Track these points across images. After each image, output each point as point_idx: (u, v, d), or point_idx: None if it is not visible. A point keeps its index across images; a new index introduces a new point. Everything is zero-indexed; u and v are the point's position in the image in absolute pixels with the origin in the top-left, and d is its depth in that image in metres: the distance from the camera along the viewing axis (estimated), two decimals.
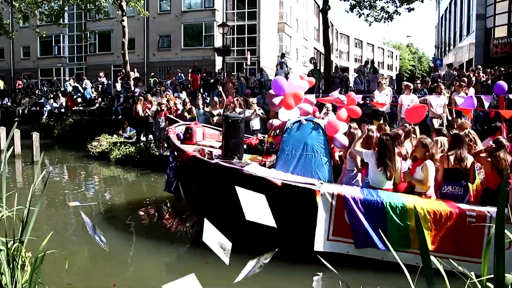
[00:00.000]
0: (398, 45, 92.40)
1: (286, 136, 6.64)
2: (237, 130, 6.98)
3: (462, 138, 6.16)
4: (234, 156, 6.82)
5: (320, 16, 25.10)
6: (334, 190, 5.86)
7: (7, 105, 27.18)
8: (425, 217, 5.54)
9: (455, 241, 5.56)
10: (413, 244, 5.54)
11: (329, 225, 5.82)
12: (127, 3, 25.90)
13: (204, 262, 6.05)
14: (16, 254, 3.37)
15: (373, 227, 5.62)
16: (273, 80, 7.41)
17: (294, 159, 6.51)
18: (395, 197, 5.85)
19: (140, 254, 6.61)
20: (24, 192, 9.93)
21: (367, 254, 5.73)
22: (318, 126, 6.58)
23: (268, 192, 6.02)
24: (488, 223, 5.46)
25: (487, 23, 28.39)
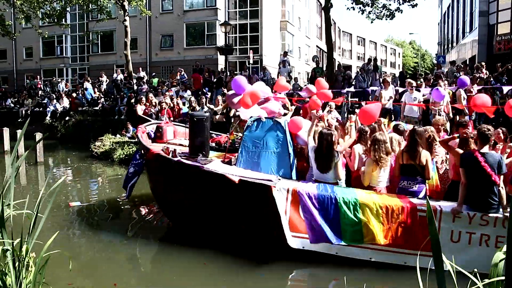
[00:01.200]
0: (401, 43, 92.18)
1: (247, 133, 6.76)
2: (202, 128, 7.07)
3: (418, 135, 6.22)
4: (199, 154, 6.88)
5: (323, 14, 25.00)
6: (290, 186, 5.94)
7: (10, 106, 27.26)
8: (377, 212, 5.66)
9: (407, 235, 5.65)
10: (366, 239, 5.66)
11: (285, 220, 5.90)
12: (129, 3, 25.92)
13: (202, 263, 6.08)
14: (21, 255, 3.38)
15: (327, 222, 5.72)
16: (233, 79, 7.54)
17: (254, 156, 6.65)
18: (348, 192, 5.96)
19: (141, 253, 6.62)
20: (28, 192, 9.96)
21: (321, 249, 5.83)
22: (278, 124, 6.69)
23: (227, 188, 6.07)
24: (438, 217, 5.58)
25: (490, 20, 28.27)
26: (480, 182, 5.49)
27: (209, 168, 6.33)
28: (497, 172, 5.41)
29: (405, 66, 67.24)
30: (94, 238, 7.48)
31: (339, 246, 5.76)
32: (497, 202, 5.52)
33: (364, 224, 5.64)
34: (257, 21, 35.35)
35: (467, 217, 5.56)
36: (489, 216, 5.50)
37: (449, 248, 5.48)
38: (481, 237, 5.55)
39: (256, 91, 7.01)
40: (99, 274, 5.97)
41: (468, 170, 5.54)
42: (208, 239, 6.57)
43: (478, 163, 5.42)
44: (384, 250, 5.72)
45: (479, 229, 5.55)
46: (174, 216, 7.63)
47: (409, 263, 5.57)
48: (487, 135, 5.53)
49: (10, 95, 29.61)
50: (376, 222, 5.65)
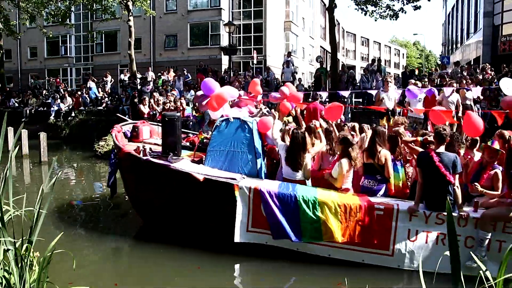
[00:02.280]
0: (405, 43, 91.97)
1: (215, 133, 6.92)
2: (174, 128, 7.22)
3: (378, 134, 6.35)
4: (170, 153, 7.02)
5: (327, 15, 24.99)
6: (252, 184, 6.13)
7: (15, 106, 27.35)
8: (335, 210, 5.80)
9: (364, 234, 5.78)
10: (325, 236, 5.80)
11: (248, 217, 6.10)
12: (133, 3, 25.95)
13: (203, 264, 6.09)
14: (25, 254, 3.38)
15: (287, 220, 5.87)
16: (202, 81, 7.72)
17: (222, 155, 6.81)
18: (308, 190, 6.10)
19: (143, 253, 6.61)
20: (32, 192, 10.00)
21: (284, 245, 5.99)
22: (245, 124, 6.82)
23: (193, 186, 6.21)
24: (395, 216, 5.70)
25: (494, 21, 28.17)
26: (435, 182, 5.59)
27: (176, 166, 6.53)
28: (452, 171, 5.52)
29: (409, 67, 67.07)
30: (95, 237, 7.49)
31: (300, 243, 5.90)
32: (453, 201, 5.59)
33: (323, 222, 5.78)
34: (261, 22, 35.33)
35: (424, 216, 5.68)
36: (445, 215, 5.58)
37: (407, 247, 5.67)
38: (438, 236, 5.66)
39: (223, 94, 7.19)
40: (100, 274, 5.98)
41: (424, 170, 5.67)
42: (209, 241, 6.57)
43: (433, 163, 5.53)
44: (343, 248, 5.85)
45: (436, 228, 5.67)
46: (145, 214, 7.83)
47: (367, 261, 5.78)
48: (443, 135, 5.64)
49: (14, 94, 29.71)
50: (335, 220, 5.78)
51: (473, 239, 5.53)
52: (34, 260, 3.55)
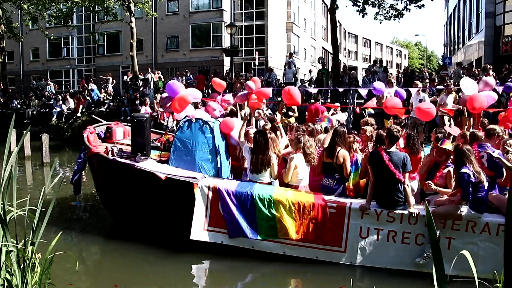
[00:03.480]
0: (407, 44, 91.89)
1: (178, 133, 7.04)
2: (142, 129, 7.36)
3: (338, 135, 6.45)
4: (138, 153, 7.17)
5: (328, 16, 25.00)
6: (211, 183, 6.27)
7: (17, 107, 27.39)
8: (290, 208, 5.93)
9: (317, 231, 5.92)
10: (280, 233, 5.94)
11: (206, 216, 6.23)
12: (135, 5, 26.03)
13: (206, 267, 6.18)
14: (27, 256, 3.39)
15: (244, 218, 6.04)
16: (167, 83, 7.84)
17: (185, 155, 6.95)
18: (264, 189, 6.21)
19: (142, 253, 6.61)
20: (34, 193, 10.01)
21: (239, 244, 6.12)
22: (206, 125, 6.97)
23: (155, 185, 6.38)
24: (347, 214, 5.84)
25: (496, 21, 28.12)
26: (385, 180, 5.70)
27: (140, 166, 6.69)
28: (401, 170, 5.62)
29: (411, 67, 67.04)
30: (94, 237, 7.50)
31: (255, 241, 6.04)
32: (403, 199, 5.70)
33: (278, 220, 5.92)
34: (262, 23, 35.36)
35: (375, 213, 5.80)
36: (395, 212, 5.72)
37: (359, 244, 5.82)
38: (389, 233, 5.77)
39: (186, 96, 7.31)
40: (100, 275, 5.99)
41: (374, 168, 5.79)
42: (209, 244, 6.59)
43: (383, 162, 5.64)
44: (297, 245, 5.97)
45: (387, 226, 5.78)
46: (113, 212, 8.04)
47: (320, 257, 5.92)
48: (396, 135, 5.77)
49: (17, 96, 29.77)
50: (289, 218, 5.91)
51: (424, 237, 5.64)
52: (36, 261, 3.55)
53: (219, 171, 6.91)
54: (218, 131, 7.07)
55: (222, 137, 7.16)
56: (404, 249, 5.71)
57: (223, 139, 7.19)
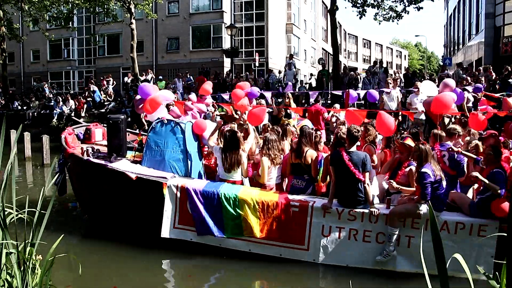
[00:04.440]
0: (407, 45, 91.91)
1: (151, 134, 7.20)
2: (118, 130, 7.55)
3: (304, 135, 6.56)
4: (113, 154, 7.36)
5: (328, 17, 25.02)
6: (179, 183, 6.45)
7: (17, 108, 27.44)
8: (254, 207, 6.10)
9: (281, 229, 6.06)
10: (245, 232, 6.12)
11: (175, 214, 6.42)
12: (135, 6, 26.05)
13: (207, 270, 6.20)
14: (27, 257, 3.39)
15: (211, 216, 6.21)
16: (139, 86, 8.06)
17: (157, 155, 7.10)
18: (230, 188, 6.37)
19: (140, 256, 6.62)
20: (34, 194, 10.00)
21: (207, 241, 6.28)
22: (178, 126, 7.12)
23: (127, 184, 6.53)
24: (309, 213, 5.96)
25: (496, 22, 28.14)
26: (346, 180, 5.80)
27: (112, 166, 6.87)
28: (361, 170, 5.73)
29: (411, 68, 67.13)
30: (93, 238, 7.49)
31: (222, 238, 6.21)
32: (363, 198, 5.80)
33: (243, 218, 6.09)
34: (263, 24, 35.39)
35: (336, 212, 5.90)
36: (356, 211, 5.83)
37: (321, 242, 5.94)
38: (350, 231, 5.88)
39: (157, 98, 7.47)
40: (98, 276, 5.97)
41: (335, 168, 5.90)
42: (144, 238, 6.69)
43: (343, 162, 5.76)
44: (262, 243, 6.11)
45: (348, 224, 5.89)
46: (88, 211, 8.24)
47: (284, 255, 6.04)
48: (356, 136, 5.90)
49: (17, 97, 29.81)
50: (253, 217, 6.08)
51: (384, 235, 5.74)
52: (37, 263, 3.55)
53: (190, 170, 7.06)
54: (190, 132, 7.23)
55: (195, 138, 7.32)
56: (365, 247, 5.83)
57: (196, 140, 7.35)
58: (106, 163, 7.00)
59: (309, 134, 6.62)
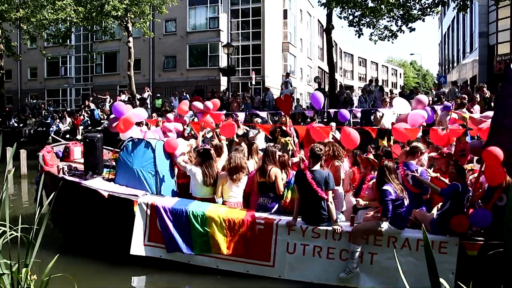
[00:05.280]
0: (402, 63, 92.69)
1: (122, 153, 7.30)
2: (94, 148, 7.62)
3: (267, 154, 6.74)
4: (89, 172, 7.44)
5: (324, 36, 25.28)
6: (149, 200, 6.57)
7: (14, 126, 27.39)
8: (221, 225, 6.23)
9: (247, 246, 6.18)
10: (213, 249, 6.23)
11: (145, 231, 6.53)
12: (133, 25, 26.26)
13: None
14: (21, 277, 3.35)
15: (180, 233, 6.33)
16: (113, 105, 8.18)
17: (129, 173, 7.18)
18: (199, 206, 6.49)
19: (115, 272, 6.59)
20: (29, 212, 9.94)
21: (176, 258, 6.37)
22: (149, 144, 7.25)
23: (99, 201, 6.65)
24: (274, 230, 6.07)
25: (489, 41, 28.51)
26: (310, 198, 5.89)
27: (86, 184, 6.99)
28: (324, 188, 5.81)
29: (406, 86, 67.59)
30: (88, 256, 7.43)
31: (191, 255, 6.31)
32: (327, 216, 5.88)
33: (210, 236, 6.22)
34: (259, 43, 35.67)
35: (301, 230, 6.00)
36: (320, 229, 5.92)
37: (286, 259, 6.03)
38: (314, 248, 5.96)
39: (130, 117, 7.64)
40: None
41: (299, 187, 6.02)
42: None
43: (306, 180, 5.86)
44: (229, 260, 6.22)
45: (312, 241, 5.97)
46: (63, 229, 8.31)
47: (251, 272, 6.14)
48: (318, 154, 5.99)
49: (14, 115, 29.78)
50: (220, 234, 6.21)
51: (348, 252, 5.81)
52: (31, 283, 3.50)
53: (160, 188, 7.18)
54: (161, 150, 7.36)
55: (167, 156, 7.45)
56: (329, 264, 5.90)
57: (168, 158, 7.47)
58: (80, 181, 7.13)
59: (272, 153, 6.77)
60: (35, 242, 3.59)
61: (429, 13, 21.18)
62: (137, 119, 7.96)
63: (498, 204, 5.49)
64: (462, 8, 20.78)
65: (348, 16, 22.12)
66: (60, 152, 9.22)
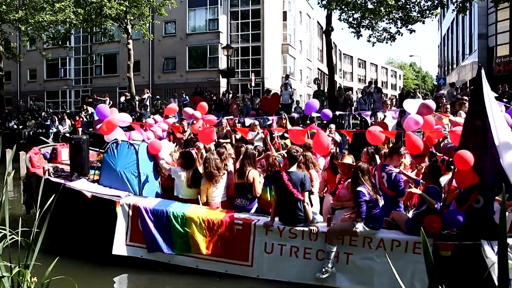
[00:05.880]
0: (402, 65, 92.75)
1: (106, 155, 7.45)
2: (80, 150, 7.79)
3: (246, 156, 6.85)
4: (74, 173, 7.61)
5: (324, 37, 25.32)
6: (131, 201, 6.72)
7: (13, 127, 27.36)
8: (200, 225, 6.37)
9: (226, 246, 6.31)
10: (193, 249, 6.37)
11: (127, 231, 6.67)
12: (132, 26, 26.27)
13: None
14: (21, 280, 3.35)
15: (160, 234, 6.46)
16: (96, 108, 8.28)
17: (112, 174, 7.33)
18: (179, 207, 6.65)
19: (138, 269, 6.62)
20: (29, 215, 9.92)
21: (157, 258, 6.51)
22: (132, 146, 7.42)
23: (83, 202, 6.77)
24: (252, 230, 6.20)
25: (489, 42, 28.55)
26: (286, 199, 6.01)
27: (70, 185, 7.11)
28: (300, 189, 5.93)
29: (406, 88, 67.64)
30: (87, 259, 7.43)
31: (171, 255, 6.45)
32: (303, 216, 6.00)
33: (190, 236, 6.36)
34: (259, 44, 35.71)
35: (278, 230, 6.11)
36: (297, 229, 6.04)
37: (264, 259, 6.17)
38: (291, 248, 6.07)
39: (113, 120, 7.74)
40: None
41: (276, 188, 6.15)
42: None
43: (283, 181, 5.98)
44: (208, 259, 6.36)
45: (289, 242, 6.09)
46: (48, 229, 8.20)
47: (230, 271, 6.28)
48: (295, 156, 6.14)
49: (14, 116, 29.75)
50: (200, 234, 6.35)
51: (324, 252, 5.92)
52: (32, 286, 3.50)
53: (143, 189, 7.33)
54: (145, 152, 7.50)
55: (150, 158, 7.58)
56: (306, 264, 6.01)
57: (151, 160, 7.60)
58: (64, 182, 7.22)
59: (252, 155, 6.88)
60: (35, 244, 3.59)
61: (428, 15, 21.22)
62: (120, 122, 8.05)
63: (474, 206, 5.56)
64: (461, 10, 20.82)
65: (348, 18, 22.16)
66: (47, 153, 9.34)
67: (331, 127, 10.95)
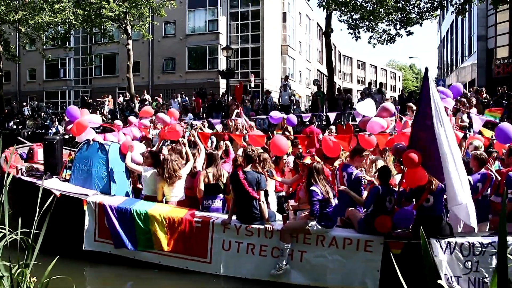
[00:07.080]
0: (402, 67, 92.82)
1: (78, 154, 7.70)
2: (53, 150, 7.95)
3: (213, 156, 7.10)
4: (47, 172, 7.76)
5: (323, 39, 25.34)
6: (98, 199, 6.93)
7: (13, 128, 27.35)
8: (162, 223, 6.54)
9: (186, 243, 6.49)
10: (155, 245, 6.56)
11: (95, 228, 6.90)
12: (132, 27, 26.28)
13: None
14: (21, 280, 3.35)
15: (125, 231, 6.66)
16: (67, 109, 8.42)
17: (83, 174, 7.56)
18: (143, 205, 6.85)
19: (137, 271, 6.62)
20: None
21: (123, 253, 6.71)
22: (102, 146, 7.60)
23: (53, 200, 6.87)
24: (211, 228, 6.37)
25: (488, 44, 28.60)
26: (243, 197, 6.17)
27: (40, 184, 7.08)
28: (256, 188, 6.10)
29: (405, 89, 67.66)
30: (86, 259, 7.43)
31: (136, 251, 6.65)
32: (259, 214, 6.17)
33: (153, 233, 6.54)
34: (258, 45, 35.74)
35: (235, 228, 6.29)
36: (253, 227, 6.20)
37: (222, 256, 6.33)
38: (248, 246, 6.24)
39: (83, 121, 7.85)
40: None
41: (233, 186, 6.30)
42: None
43: (239, 180, 6.14)
44: (170, 256, 6.55)
45: (246, 239, 6.26)
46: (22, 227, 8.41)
47: (190, 267, 6.45)
48: (251, 156, 6.30)
49: (13, 116, 29.74)
50: (161, 232, 6.53)
51: (279, 250, 6.05)
52: (31, 285, 3.50)
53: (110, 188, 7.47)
54: (116, 152, 7.67)
55: (122, 158, 7.70)
56: (262, 261, 6.17)
57: (123, 160, 7.71)
58: (34, 181, 7.47)
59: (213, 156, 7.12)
60: (35, 244, 3.59)
61: (428, 17, 21.26)
62: (91, 124, 8.16)
63: (425, 205, 5.65)
64: (460, 12, 20.87)
65: (348, 20, 22.20)
66: (24, 153, 9.50)
67: (331, 128, 10.95)
